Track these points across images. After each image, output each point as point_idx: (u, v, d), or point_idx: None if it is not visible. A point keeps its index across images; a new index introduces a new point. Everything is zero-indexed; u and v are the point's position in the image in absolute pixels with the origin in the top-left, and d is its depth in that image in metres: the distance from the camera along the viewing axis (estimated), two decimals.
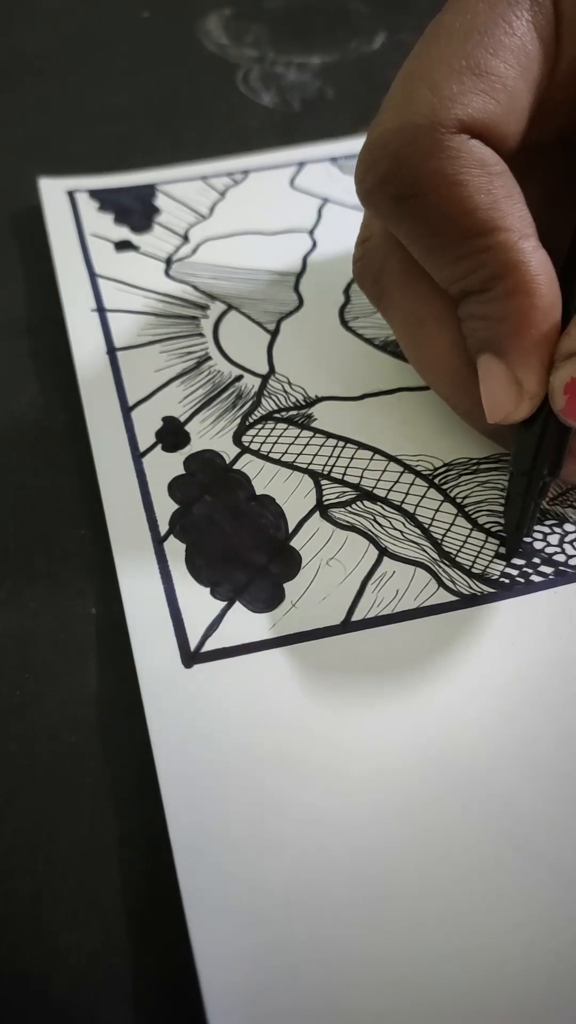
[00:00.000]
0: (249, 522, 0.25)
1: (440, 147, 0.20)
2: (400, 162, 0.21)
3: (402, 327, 0.25)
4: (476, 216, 0.21)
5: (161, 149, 0.39)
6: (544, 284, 0.21)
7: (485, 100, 0.20)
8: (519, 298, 0.21)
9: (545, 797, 0.20)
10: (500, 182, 0.21)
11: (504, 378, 0.22)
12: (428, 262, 0.22)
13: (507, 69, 0.21)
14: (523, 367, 0.21)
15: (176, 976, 0.18)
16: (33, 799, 0.21)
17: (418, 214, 0.21)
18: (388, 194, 0.22)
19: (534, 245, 0.21)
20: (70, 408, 0.29)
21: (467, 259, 0.21)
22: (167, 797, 0.20)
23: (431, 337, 0.24)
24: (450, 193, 0.21)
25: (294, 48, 0.47)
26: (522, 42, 0.21)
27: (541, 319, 0.21)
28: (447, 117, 0.20)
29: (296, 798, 0.20)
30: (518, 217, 0.21)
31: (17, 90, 0.44)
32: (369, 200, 0.23)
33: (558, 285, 0.21)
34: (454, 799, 0.20)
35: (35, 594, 0.24)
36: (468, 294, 0.22)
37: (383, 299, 0.26)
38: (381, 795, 0.20)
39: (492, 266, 0.21)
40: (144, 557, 0.24)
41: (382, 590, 0.23)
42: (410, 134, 0.21)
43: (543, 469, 0.23)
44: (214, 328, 0.31)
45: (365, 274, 0.26)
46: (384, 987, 0.17)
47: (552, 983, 0.17)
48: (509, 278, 0.21)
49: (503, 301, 0.21)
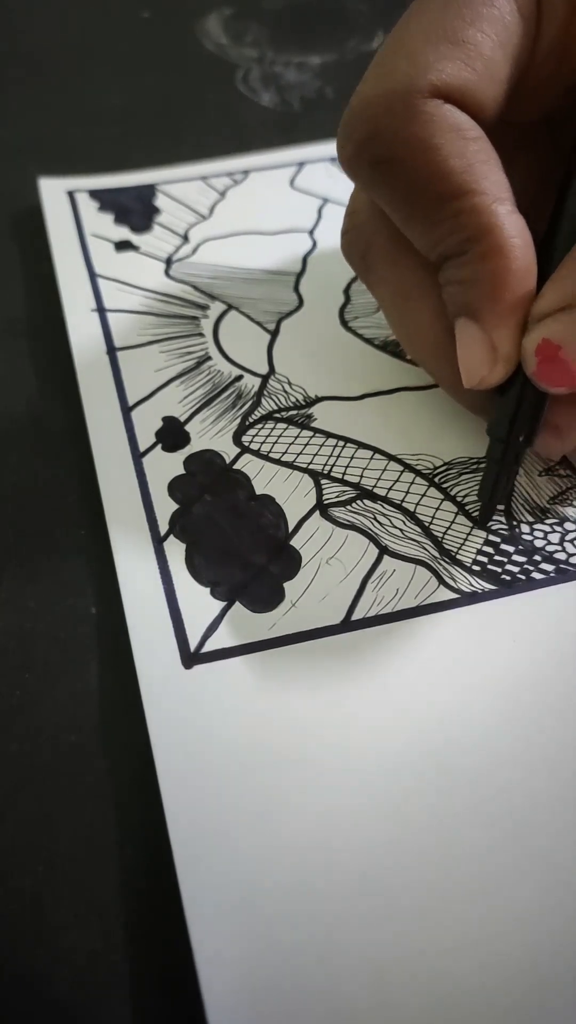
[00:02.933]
0: (249, 522, 0.25)
1: (415, 112, 0.21)
2: (377, 127, 0.21)
3: (387, 299, 0.26)
4: (451, 180, 0.21)
5: (161, 149, 0.39)
6: (519, 247, 0.21)
7: (460, 67, 0.21)
8: (494, 260, 0.21)
9: (546, 796, 0.20)
10: (476, 147, 0.21)
11: (479, 341, 0.22)
12: (408, 228, 0.23)
13: (484, 39, 0.21)
14: (497, 330, 0.22)
15: (176, 976, 0.18)
16: (33, 799, 0.21)
17: (396, 179, 0.22)
18: (366, 160, 0.22)
19: (509, 209, 0.21)
20: (70, 408, 0.29)
21: (443, 223, 0.21)
22: (167, 797, 0.20)
23: (415, 309, 0.24)
24: (425, 157, 0.21)
25: (294, 48, 0.47)
26: (501, 13, 0.21)
27: (515, 282, 0.21)
28: (422, 83, 0.21)
29: (296, 798, 0.20)
30: (493, 181, 0.21)
31: (17, 90, 0.44)
32: (349, 166, 0.23)
33: (534, 250, 0.21)
34: (455, 798, 0.20)
35: (35, 594, 0.24)
36: (446, 258, 0.22)
37: (370, 272, 0.26)
38: (381, 794, 0.20)
39: (467, 229, 0.21)
40: (144, 557, 0.24)
41: (382, 589, 0.23)
42: (386, 100, 0.21)
43: (519, 436, 0.23)
44: (214, 328, 0.31)
45: (352, 247, 0.26)
46: (384, 987, 0.17)
47: (552, 983, 0.17)
48: (484, 240, 0.21)
49: (478, 264, 0.21)
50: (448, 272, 0.22)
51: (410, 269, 0.24)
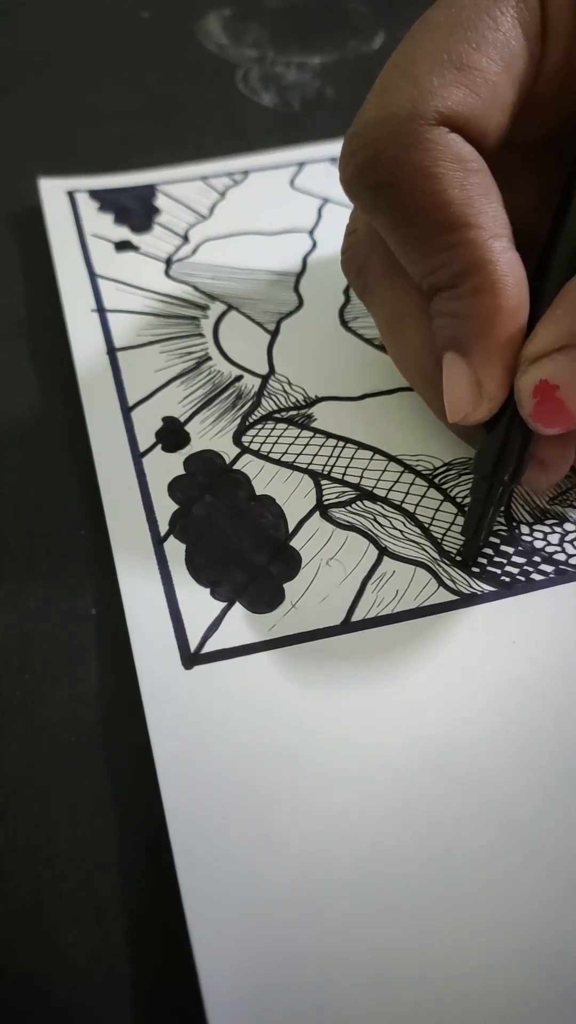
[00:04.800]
0: (249, 522, 0.25)
1: (418, 139, 0.20)
2: (379, 152, 0.21)
3: (381, 319, 0.26)
4: (449, 210, 0.21)
5: (161, 149, 0.39)
6: (511, 286, 0.21)
7: (466, 94, 0.20)
8: (485, 297, 0.21)
9: (545, 796, 0.20)
10: (476, 179, 0.21)
11: (465, 377, 0.22)
12: (402, 254, 0.22)
13: (489, 64, 0.21)
14: (484, 368, 0.21)
15: (176, 976, 0.18)
16: (33, 799, 0.21)
17: (394, 205, 0.21)
18: (366, 183, 0.22)
19: (505, 246, 0.21)
20: (70, 408, 0.29)
21: (438, 253, 0.21)
22: (167, 797, 0.20)
23: (407, 332, 0.24)
24: (425, 185, 0.21)
25: (294, 48, 0.47)
26: (506, 38, 0.21)
27: (506, 320, 0.21)
28: (427, 109, 0.20)
29: (296, 798, 0.20)
30: (491, 216, 0.21)
31: (17, 90, 0.44)
32: (349, 189, 0.23)
33: (527, 289, 0.21)
34: (454, 799, 0.20)
35: (35, 594, 0.24)
36: (438, 289, 0.22)
37: (366, 292, 0.26)
38: (381, 795, 0.20)
39: (461, 262, 0.21)
40: (144, 557, 0.24)
41: (382, 590, 0.23)
42: (390, 125, 0.21)
43: (503, 475, 0.22)
44: (214, 328, 0.31)
45: (350, 266, 0.26)
46: (384, 986, 0.17)
47: (552, 983, 0.17)
48: (476, 276, 0.21)
49: (469, 299, 0.21)
50: (439, 304, 0.22)
51: (404, 292, 0.24)
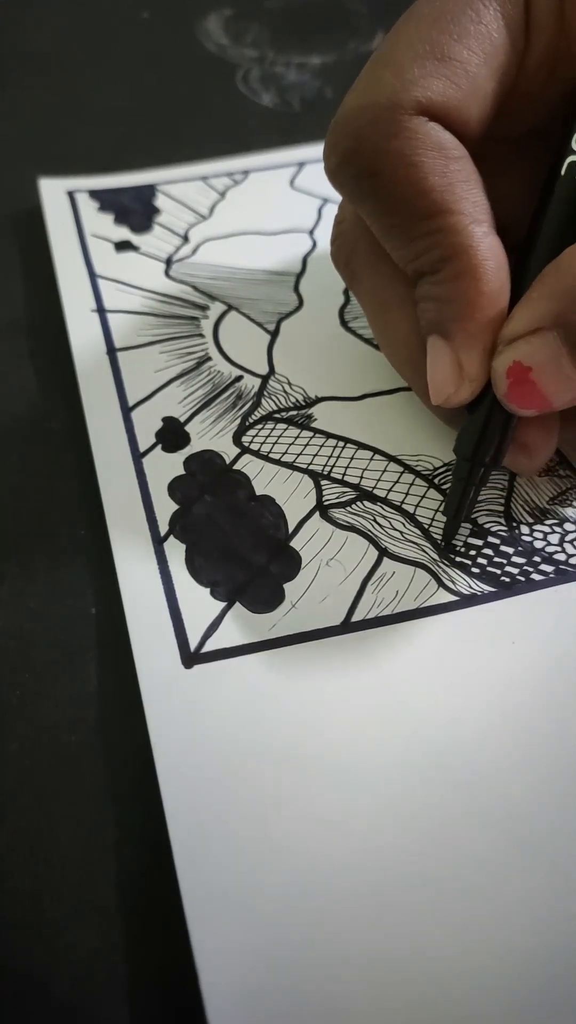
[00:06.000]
0: (249, 522, 0.25)
1: (398, 128, 0.21)
2: (360, 141, 0.21)
3: (368, 307, 0.26)
4: (430, 197, 0.21)
5: (161, 149, 0.39)
6: (491, 270, 0.21)
7: (446, 84, 0.21)
8: (465, 281, 0.21)
9: (546, 796, 0.20)
10: (457, 166, 0.21)
11: (448, 360, 0.22)
12: (387, 241, 0.23)
13: (470, 55, 0.21)
14: (466, 350, 0.22)
15: (176, 976, 0.18)
16: (33, 799, 0.21)
17: (377, 193, 0.22)
18: (349, 172, 0.22)
19: (485, 231, 0.21)
20: (70, 408, 0.29)
21: (420, 239, 0.22)
22: (167, 797, 0.20)
23: (393, 319, 0.25)
24: (406, 173, 0.21)
25: (294, 48, 0.47)
26: (488, 30, 0.21)
27: (486, 304, 0.21)
28: (407, 99, 0.21)
29: (296, 798, 0.20)
30: (472, 202, 0.21)
31: (17, 89, 0.44)
32: (333, 177, 0.23)
33: (507, 273, 0.22)
34: (454, 799, 0.20)
35: (35, 594, 0.24)
36: (421, 275, 0.22)
37: (354, 281, 0.26)
38: (381, 795, 0.20)
39: (442, 248, 0.21)
40: (144, 557, 0.24)
41: (382, 590, 0.23)
42: (371, 114, 0.21)
43: (484, 456, 0.23)
44: (214, 328, 0.31)
45: (339, 255, 0.27)
46: (384, 987, 0.17)
47: (553, 983, 0.17)
48: (457, 260, 0.21)
49: (450, 283, 0.21)
50: (423, 289, 0.22)
51: (389, 279, 0.24)
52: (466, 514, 0.24)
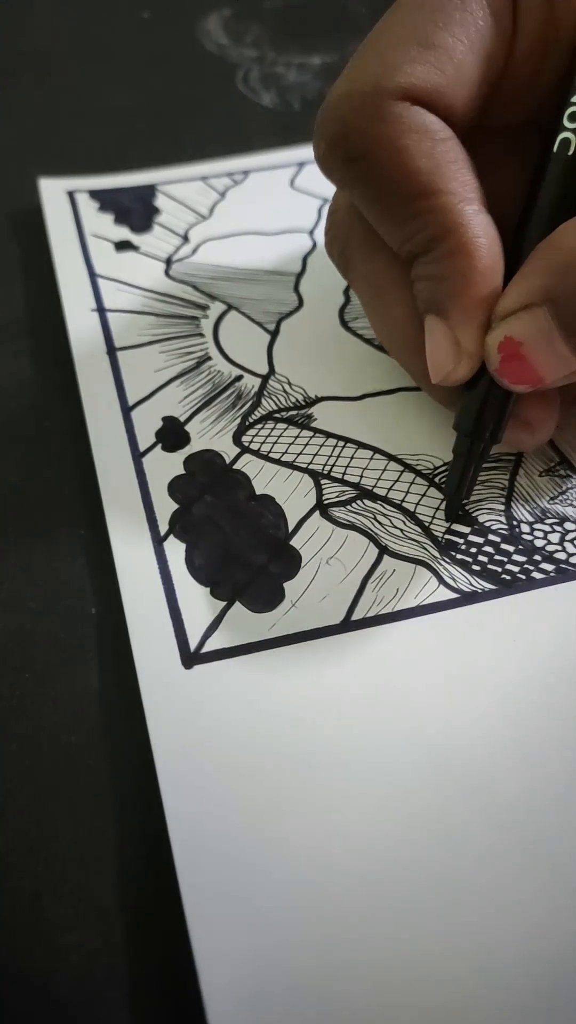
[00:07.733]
0: (249, 522, 0.25)
1: (383, 112, 0.21)
2: (347, 126, 0.22)
3: (364, 294, 0.26)
4: (418, 179, 0.21)
5: (161, 149, 0.39)
6: (484, 247, 0.21)
7: (430, 70, 0.21)
8: (459, 258, 0.21)
9: (547, 796, 0.20)
10: (444, 148, 0.21)
11: (445, 337, 0.22)
12: (379, 225, 0.23)
13: (455, 43, 0.21)
14: (462, 327, 0.22)
15: (176, 976, 0.18)
16: (33, 799, 0.21)
17: (366, 177, 0.22)
18: (338, 158, 0.23)
19: (476, 209, 0.22)
20: (70, 408, 0.29)
21: (411, 220, 0.22)
22: (167, 797, 0.20)
23: (389, 303, 0.25)
24: (393, 156, 0.21)
25: (294, 48, 0.47)
26: (474, 17, 0.22)
27: (480, 280, 0.21)
28: (391, 84, 0.21)
29: (296, 798, 0.20)
30: (461, 182, 0.22)
31: (17, 90, 0.44)
32: (322, 164, 0.23)
33: (500, 250, 0.22)
34: (455, 798, 0.20)
35: (35, 594, 0.24)
36: (415, 255, 0.22)
37: (348, 268, 0.27)
38: (380, 794, 0.20)
39: (434, 227, 0.21)
40: (144, 557, 0.24)
41: (382, 588, 0.23)
42: (356, 100, 0.22)
43: (484, 432, 0.23)
44: (214, 328, 0.31)
45: (333, 244, 0.27)
46: (385, 987, 0.17)
47: (554, 984, 0.17)
48: (450, 239, 0.21)
49: (444, 261, 0.22)
50: (418, 269, 0.23)
51: (384, 264, 0.25)
52: (467, 492, 0.24)
